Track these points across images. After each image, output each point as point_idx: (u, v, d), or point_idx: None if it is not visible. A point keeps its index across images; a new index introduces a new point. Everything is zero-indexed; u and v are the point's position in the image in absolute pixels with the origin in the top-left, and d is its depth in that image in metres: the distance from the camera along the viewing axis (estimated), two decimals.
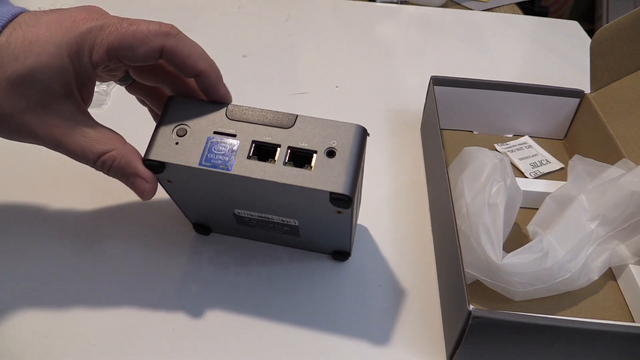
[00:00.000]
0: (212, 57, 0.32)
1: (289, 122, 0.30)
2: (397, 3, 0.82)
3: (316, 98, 0.59)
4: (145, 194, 0.31)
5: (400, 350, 0.35)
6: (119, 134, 0.32)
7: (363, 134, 0.30)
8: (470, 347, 0.32)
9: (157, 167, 0.30)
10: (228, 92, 0.32)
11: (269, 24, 0.73)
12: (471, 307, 0.30)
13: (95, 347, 0.33)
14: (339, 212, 0.31)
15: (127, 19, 0.29)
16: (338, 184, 0.29)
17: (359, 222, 0.43)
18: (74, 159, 0.30)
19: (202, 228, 0.40)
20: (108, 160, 0.30)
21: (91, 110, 0.32)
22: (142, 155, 0.31)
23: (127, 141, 0.32)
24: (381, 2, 0.82)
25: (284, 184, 0.29)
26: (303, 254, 0.40)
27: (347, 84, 0.62)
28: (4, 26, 0.27)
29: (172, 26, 0.30)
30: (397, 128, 0.55)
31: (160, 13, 0.72)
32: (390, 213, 0.45)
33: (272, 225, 0.36)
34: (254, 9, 0.76)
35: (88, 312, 0.35)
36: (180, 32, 0.30)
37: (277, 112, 0.31)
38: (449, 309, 0.35)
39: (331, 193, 0.29)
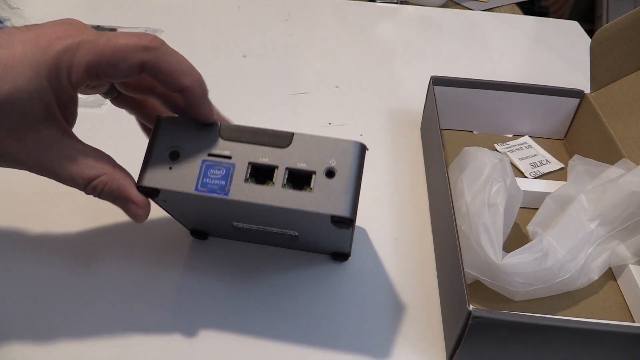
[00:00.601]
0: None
1: (285, 141, 0.29)
2: (397, 3, 0.82)
3: (316, 98, 0.59)
4: (138, 218, 0.30)
5: (400, 350, 0.35)
6: (108, 156, 0.30)
7: (362, 151, 0.30)
8: (470, 347, 0.32)
9: (151, 193, 0.29)
10: (211, 110, 0.30)
11: (269, 24, 0.73)
12: (471, 307, 0.30)
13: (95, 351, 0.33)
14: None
15: (105, 33, 0.28)
16: (339, 207, 0.28)
17: (358, 222, 0.43)
18: (63, 183, 0.29)
19: (199, 234, 0.40)
20: (99, 185, 0.29)
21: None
22: (135, 179, 0.30)
23: (124, 149, 0.31)
24: (381, 2, 0.82)
25: (284, 208, 0.28)
26: (302, 254, 0.40)
27: (347, 84, 0.62)
28: None
29: (153, 38, 0.28)
30: (397, 128, 0.55)
31: (161, 13, 0.72)
32: (390, 213, 0.45)
33: (272, 234, 0.36)
34: (254, 9, 0.76)
35: (85, 323, 0.35)
36: (163, 44, 0.28)
37: (273, 130, 0.30)
38: (449, 309, 0.35)
39: (332, 216, 0.28)
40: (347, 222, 0.29)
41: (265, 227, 0.34)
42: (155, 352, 0.34)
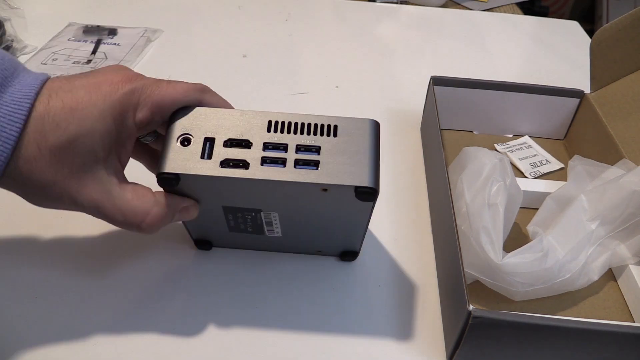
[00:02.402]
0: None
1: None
2: (397, 3, 0.82)
3: (316, 98, 0.59)
4: (193, 214, 0.33)
5: (400, 350, 0.35)
6: (147, 187, 0.31)
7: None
8: (470, 347, 0.32)
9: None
10: (228, 104, 0.33)
11: (269, 24, 0.73)
12: (471, 307, 0.30)
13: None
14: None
15: (162, 79, 0.30)
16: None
17: None
18: (113, 224, 0.30)
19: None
20: (154, 221, 0.30)
21: None
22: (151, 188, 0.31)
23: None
24: (381, 2, 0.82)
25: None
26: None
27: (347, 84, 0.62)
28: (37, 94, 0.27)
29: (204, 85, 0.32)
30: (397, 128, 0.55)
31: (161, 13, 0.72)
32: (390, 213, 0.45)
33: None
34: (254, 9, 0.76)
35: (88, 333, 0.34)
36: (210, 89, 0.32)
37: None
38: (449, 309, 0.35)
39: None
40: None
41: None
42: (163, 347, 0.34)
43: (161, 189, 0.31)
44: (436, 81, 0.50)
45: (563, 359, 0.33)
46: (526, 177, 0.49)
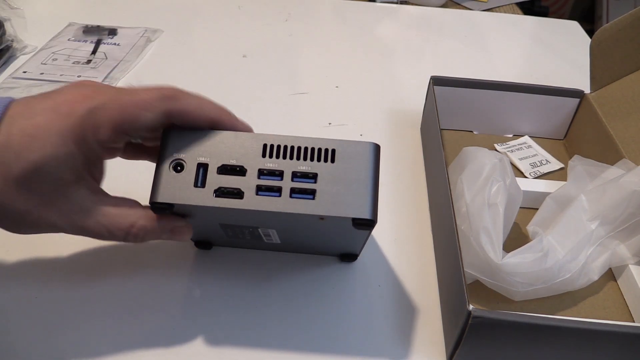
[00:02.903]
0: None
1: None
2: (397, 3, 0.82)
3: (316, 98, 0.59)
4: (186, 237, 0.32)
5: (400, 350, 0.35)
6: (133, 200, 0.31)
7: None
8: (470, 347, 0.32)
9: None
10: (246, 125, 0.31)
11: (269, 24, 0.73)
12: (471, 307, 0.30)
13: None
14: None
15: (123, 89, 0.28)
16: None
17: None
18: (101, 239, 0.30)
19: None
20: (140, 232, 0.30)
21: None
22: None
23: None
24: (381, 2, 0.82)
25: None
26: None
27: (347, 84, 0.62)
28: None
29: (172, 89, 0.28)
30: (397, 128, 0.55)
31: (161, 13, 0.72)
32: (390, 213, 0.45)
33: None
34: (254, 9, 0.76)
35: (88, 333, 0.34)
36: (181, 90, 0.29)
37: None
38: (449, 309, 0.35)
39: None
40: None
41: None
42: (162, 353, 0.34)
43: None
44: (436, 81, 0.50)
45: (563, 359, 0.33)
46: (526, 177, 0.49)
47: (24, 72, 0.58)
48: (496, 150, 0.52)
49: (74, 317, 0.35)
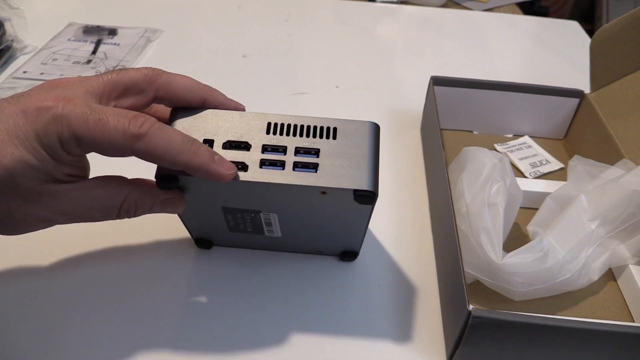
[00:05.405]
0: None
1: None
2: (397, 3, 0.82)
3: (316, 98, 0.59)
4: (179, 209, 0.32)
5: (400, 350, 0.35)
6: (119, 176, 0.30)
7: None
8: (470, 347, 0.32)
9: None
10: (224, 168, 0.29)
11: (269, 24, 0.73)
12: (471, 307, 0.30)
13: None
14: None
15: (93, 107, 0.27)
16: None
17: None
18: (96, 221, 0.30)
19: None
20: (132, 207, 0.30)
21: None
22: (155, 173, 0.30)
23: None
24: (381, 2, 0.82)
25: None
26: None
27: (347, 84, 0.62)
28: None
29: (143, 122, 0.27)
30: (397, 128, 0.55)
31: (161, 13, 0.72)
32: (390, 213, 0.45)
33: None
34: (254, 9, 0.76)
35: (88, 332, 0.34)
36: (153, 125, 0.27)
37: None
38: (449, 309, 0.35)
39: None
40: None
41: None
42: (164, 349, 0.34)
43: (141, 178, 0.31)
44: (436, 81, 0.50)
45: (563, 359, 0.33)
46: (526, 177, 0.49)
47: (24, 72, 0.58)
48: (496, 150, 0.52)
49: (74, 317, 0.35)
